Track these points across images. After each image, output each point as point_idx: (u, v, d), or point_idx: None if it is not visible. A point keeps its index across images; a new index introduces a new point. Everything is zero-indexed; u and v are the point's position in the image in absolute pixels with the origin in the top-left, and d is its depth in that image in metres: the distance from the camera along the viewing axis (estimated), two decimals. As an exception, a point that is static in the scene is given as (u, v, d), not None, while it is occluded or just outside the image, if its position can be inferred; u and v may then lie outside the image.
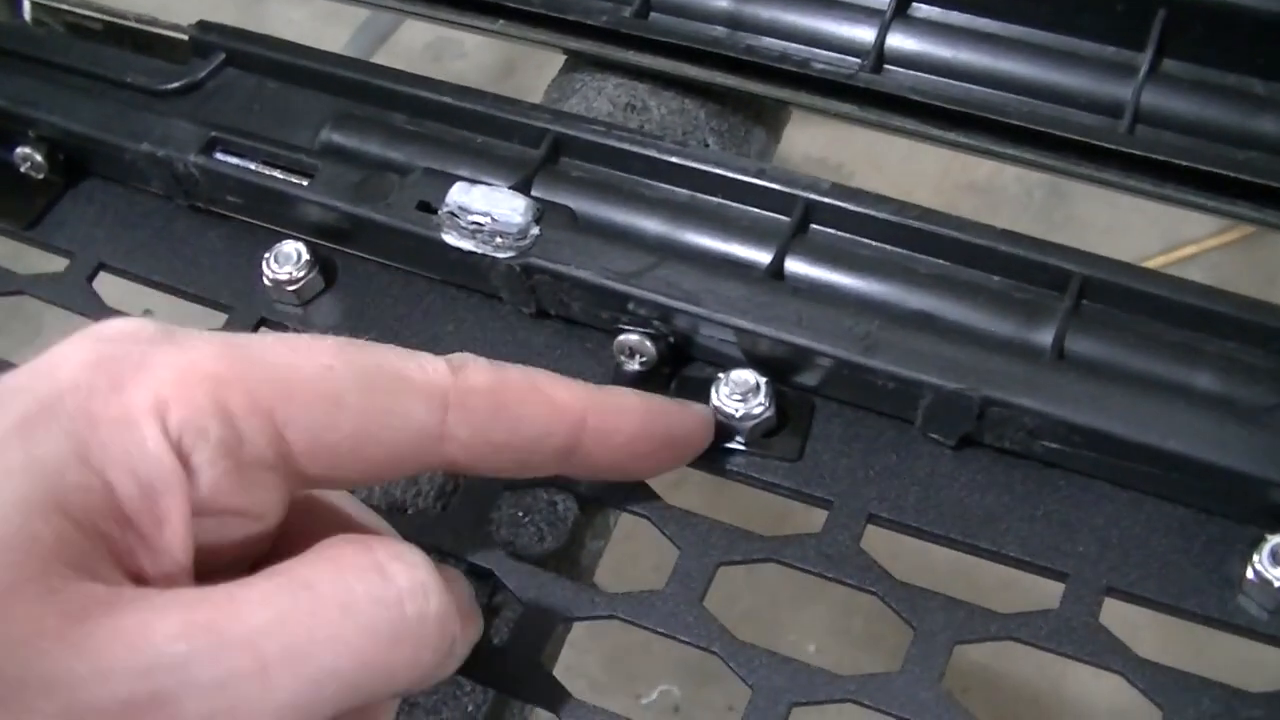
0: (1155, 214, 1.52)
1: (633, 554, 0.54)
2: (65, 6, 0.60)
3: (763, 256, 0.45)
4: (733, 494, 0.46)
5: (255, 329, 0.49)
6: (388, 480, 0.36)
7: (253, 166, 0.49)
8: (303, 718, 0.29)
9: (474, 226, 0.45)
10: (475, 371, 0.36)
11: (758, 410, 0.43)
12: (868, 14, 0.51)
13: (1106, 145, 0.48)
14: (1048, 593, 0.42)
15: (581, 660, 1.31)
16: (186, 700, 0.27)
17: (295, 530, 0.34)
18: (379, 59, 1.49)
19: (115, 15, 0.58)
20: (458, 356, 0.36)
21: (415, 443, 0.35)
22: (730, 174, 0.47)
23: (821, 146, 1.67)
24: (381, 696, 0.32)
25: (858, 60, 0.51)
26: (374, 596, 0.31)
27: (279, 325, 0.48)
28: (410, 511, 0.45)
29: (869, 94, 0.50)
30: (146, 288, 0.51)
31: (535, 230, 0.44)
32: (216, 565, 0.32)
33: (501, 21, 0.54)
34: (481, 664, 0.41)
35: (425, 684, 0.33)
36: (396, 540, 0.33)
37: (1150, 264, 1.62)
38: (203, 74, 0.54)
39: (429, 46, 1.72)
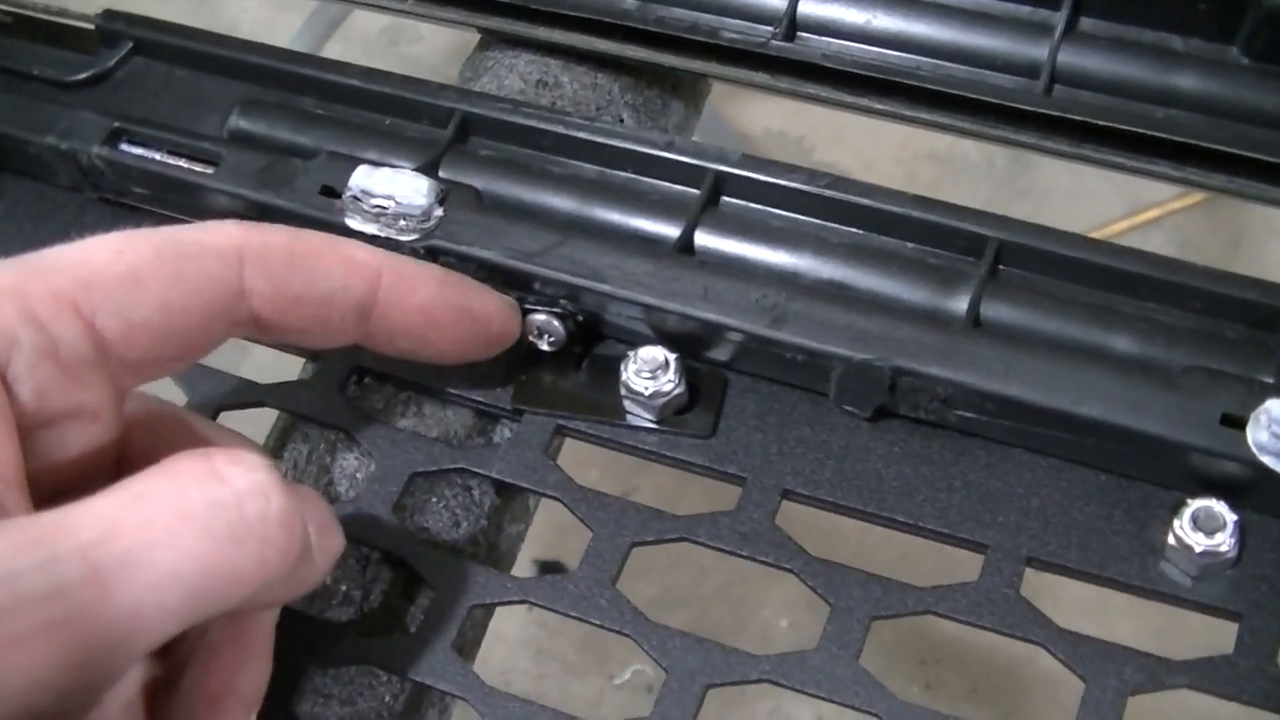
0: (1119, 179, 1.51)
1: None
2: (-25, 2, 0.59)
3: (672, 231, 0.44)
4: (660, 472, 0.45)
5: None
6: (208, 352, 0.37)
7: (157, 156, 0.48)
8: (153, 624, 0.29)
9: (377, 210, 0.43)
10: (270, 229, 0.37)
11: (667, 387, 0.42)
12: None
13: (1023, 107, 0.47)
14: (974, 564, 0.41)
15: (554, 642, 1.30)
16: (19, 613, 0.27)
17: (148, 455, 0.33)
18: (333, 45, 1.47)
19: (22, 7, 0.57)
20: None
21: (220, 301, 0.36)
22: (638, 148, 0.46)
23: (781, 120, 1.66)
24: (237, 601, 0.31)
25: (770, 28, 0.49)
26: (210, 500, 0.30)
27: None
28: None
29: (781, 62, 0.48)
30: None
31: (439, 212, 0.43)
32: (64, 485, 0.33)
33: (411, 1, 0.53)
34: (397, 652, 0.40)
35: (288, 591, 0.33)
36: (240, 447, 0.33)
37: (1114, 228, 1.62)
38: (110, 64, 0.53)
39: (384, 31, 1.70)
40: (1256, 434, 0.38)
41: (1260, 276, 0.42)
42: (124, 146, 0.48)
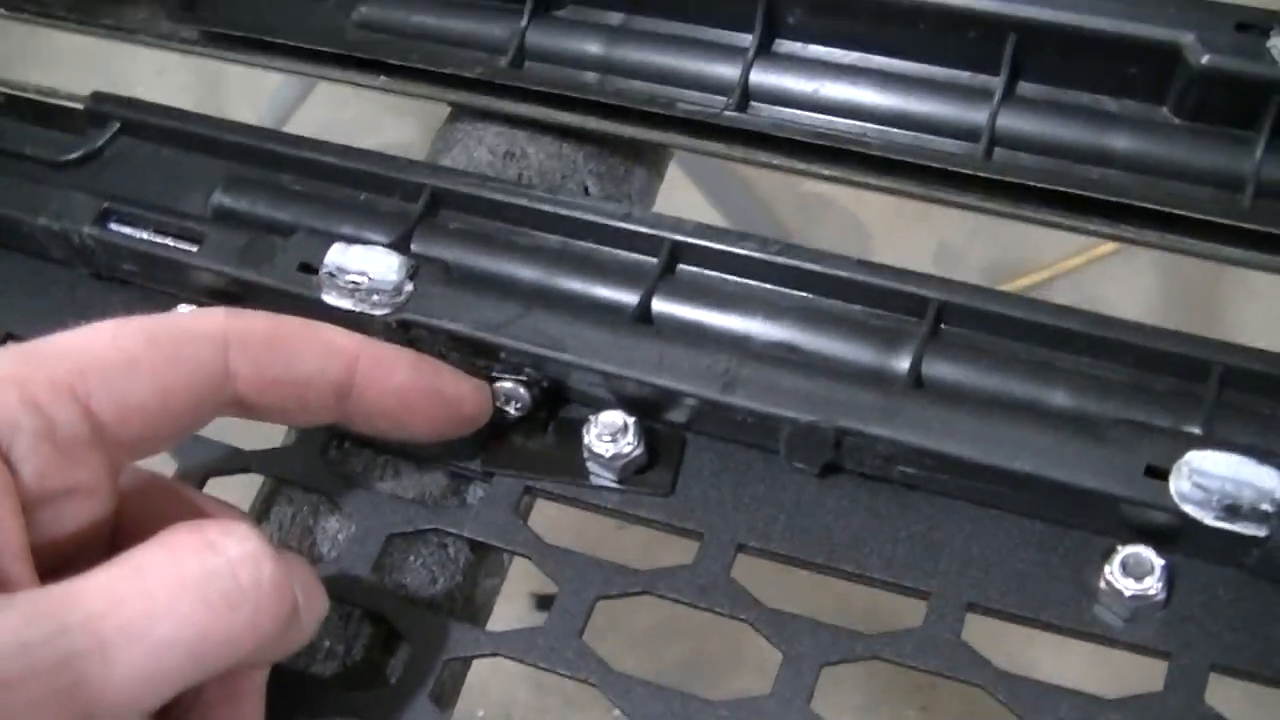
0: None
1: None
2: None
3: (631, 298, 0.47)
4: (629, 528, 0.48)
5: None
6: (196, 430, 0.40)
7: (144, 235, 0.50)
8: (154, 689, 0.32)
9: (351, 285, 0.46)
10: (253, 315, 0.40)
11: (626, 449, 0.44)
12: (731, 53, 0.53)
13: (965, 171, 0.49)
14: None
15: (554, 678, 1.32)
16: (32, 681, 0.30)
17: (142, 525, 0.36)
18: (318, 93, 1.50)
19: (13, 87, 0.60)
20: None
21: (207, 385, 0.38)
22: (598, 219, 0.48)
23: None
24: (231, 662, 0.34)
25: (724, 98, 0.52)
26: (206, 570, 0.33)
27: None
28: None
29: (735, 132, 0.51)
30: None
31: (410, 286, 0.46)
32: (64, 557, 0.35)
33: (383, 78, 0.56)
34: (378, 704, 0.43)
35: (278, 650, 0.36)
36: (231, 519, 0.37)
37: (1101, 250, 1.64)
38: (99, 144, 0.55)
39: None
40: (1179, 484, 0.40)
41: (1211, 304, 0.45)
42: (113, 226, 0.51)
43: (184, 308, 0.50)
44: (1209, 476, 0.40)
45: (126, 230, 0.51)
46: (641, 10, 0.54)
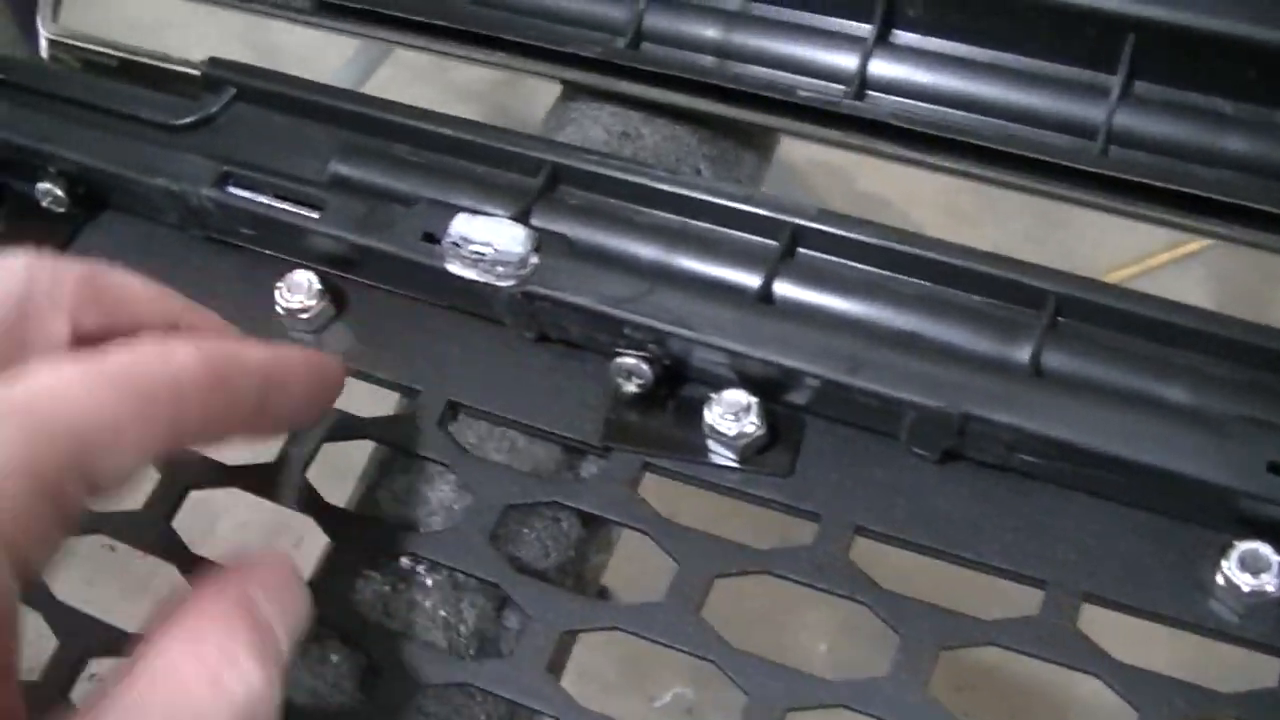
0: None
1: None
2: (81, 44, 0.62)
3: (752, 280, 0.48)
4: (732, 506, 0.48)
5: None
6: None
7: (264, 200, 0.51)
8: None
9: (476, 256, 0.47)
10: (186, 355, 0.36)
11: (749, 429, 0.45)
12: (851, 42, 0.53)
13: (1080, 167, 0.50)
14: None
15: (595, 663, 1.33)
16: None
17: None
18: (384, 70, 1.51)
19: (129, 52, 0.61)
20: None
21: (181, 438, 0.35)
22: (720, 200, 0.49)
23: (822, 149, 1.68)
24: None
25: (842, 87, 0.53)
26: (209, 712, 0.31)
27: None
28: (422, 530, 0.47)
29: (853, 120, 0.52)
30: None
31: (535, 259, 0.47)
32: None
33: (499, 54, 0.56)
34: (491, 676, 0.43)
35: None
36: (231, 621, 0.33)
37: (1153, 261, 1.64)
38: (214, 109, 0.56)
39: (434, 59, 1.73)
40: (1301, 482, 0.41)
41: (1262, 311, 0.45)
42: (231, 189, 0.52)
43: (300, 273, 0.51)
44: (1333, 476, 0.40)
45: (245, 194, 0.52)
46: (758, -4, 0.55)
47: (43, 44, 0.63)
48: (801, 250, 0.49)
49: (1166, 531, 0.44)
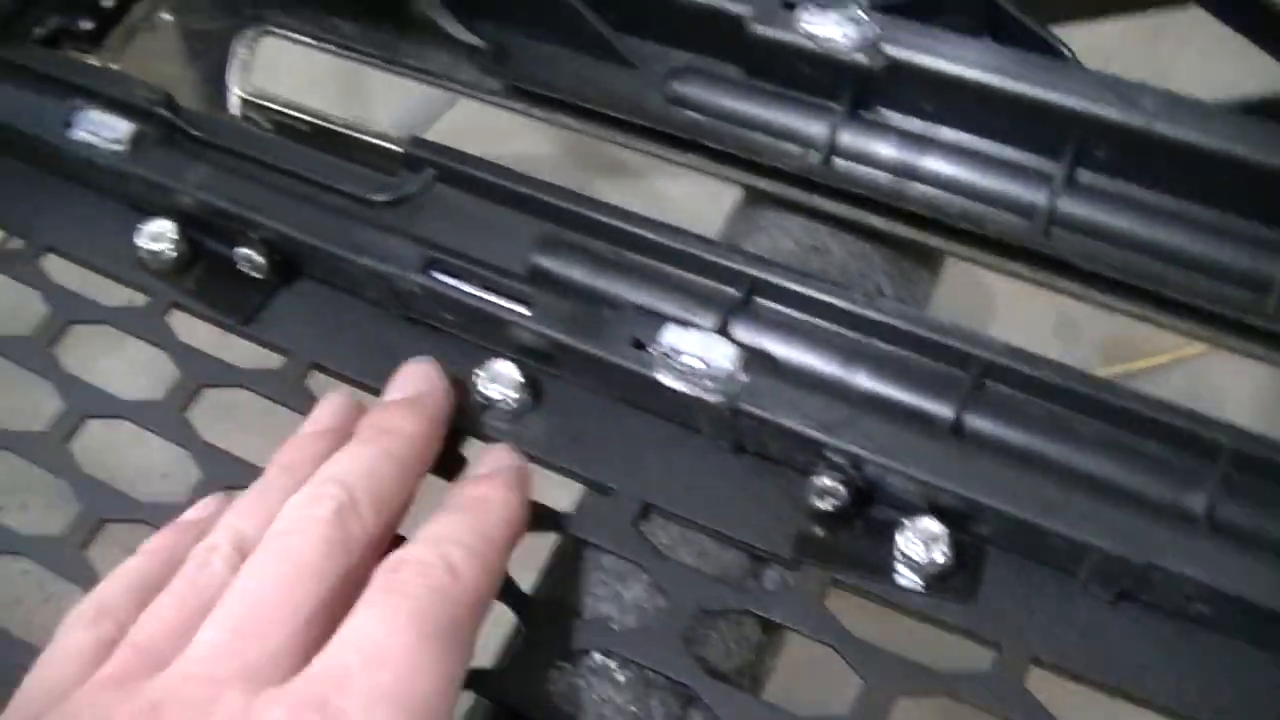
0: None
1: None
2: (273, 105, 0.69)
3: (946, 411, 0.54)
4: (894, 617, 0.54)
5: (460, 444, 0.57)
6: None
7: (471, 289, 0.58)
8: None
9: (686, 369, 0.53)
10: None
11: (939, 558, 0.51)
12: (1038, 178, 0.60)
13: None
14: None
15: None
16: None
17: None
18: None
19: (323, 119, 0.67)
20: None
21: None
22: (916, 329, 0.55)
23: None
24: None
25: (1026, 221, 0.59)
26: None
27: (488, 439, 0.57)
28: (615, 626, 0.53)
29: (1040, 256, 0.58)
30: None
31: (743, 377, 0.53)
32: None
33: (692, 156, 0.63)
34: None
35: None
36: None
37: (1196, 348, 1.70)
38: (415, 189, 0.62)
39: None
40: None
41: None
42: (437, 275, 0.58)
43: (502, 364, 0.57)
44: None
45: (452, 282, 0.58)
46: (945, 121, 0.61)
47: (234, 102, 0.70)
48: (989, 383, 0.55)
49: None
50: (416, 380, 0.56)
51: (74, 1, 0.74)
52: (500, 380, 0.57)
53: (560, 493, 0.56)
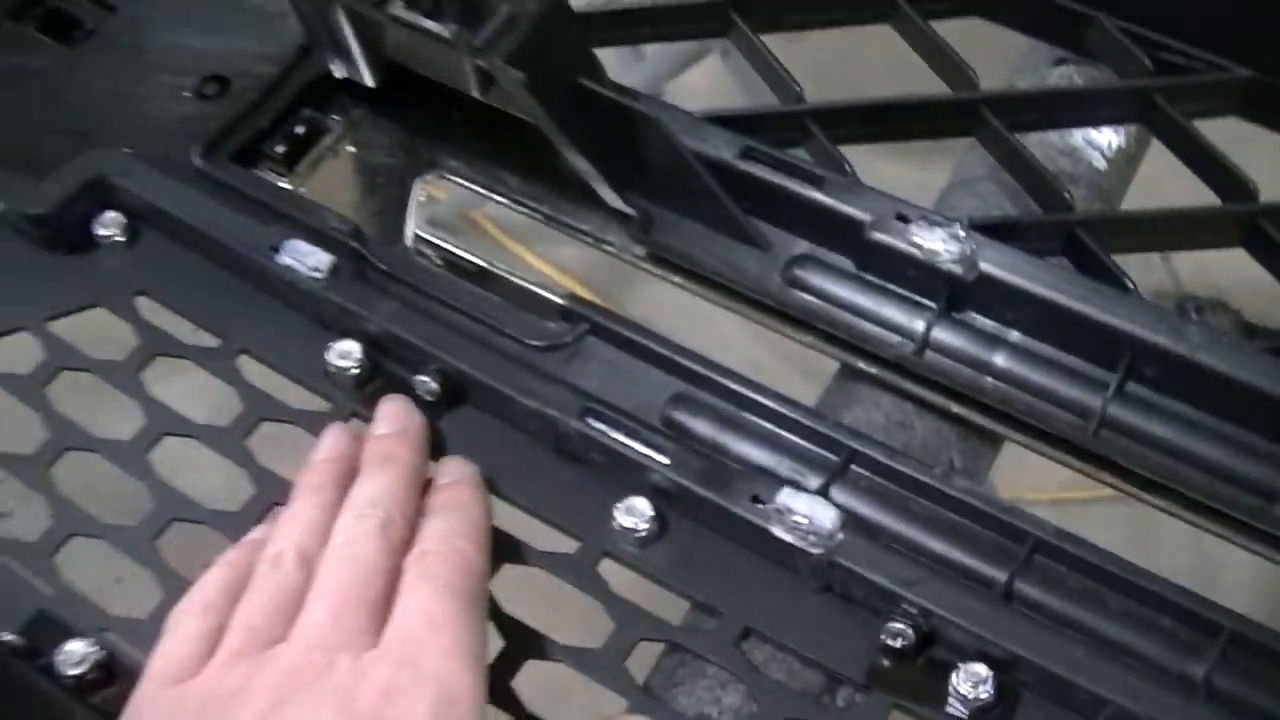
0: None
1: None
2: (445, 245, 0.87)
3: (1000, 576, 0.71)
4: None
5: (599, 560, 0.75)
6: None
7: (618, 436, 0.75)
8: None
9: (795, 525, 0.71)
10: None
11: (984, 696, 0.68)
12: (1093, 384, 0.77)
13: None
14: None
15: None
16: None
17: None
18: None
19: (489, 264, 0.85)
20: None
21: None
22: (982, 505, 0.73)
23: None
24: None
25: (1081, 420, 0.77)
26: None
27: (621, 561, 0.74)
28: (717, 726, 0.71)
29: (1090, 454, 0.76)
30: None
31: (841, 535, 0.71)
32: None
33: (805, 334, 0.81)
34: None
35: None
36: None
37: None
38: (569, 339, 0.80)
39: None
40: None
41: None
42: (591, 421, 0.76)
43: (639, 501, 0.75)
44: None
45: (602, 427, 0.76)
46: (1022, 329, 0.79)
47: (409, 236, 0.88)
48: (1038, 557, 0.72)
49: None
50: (400, 416, 0.77)
51: (273, 129, 0.92)
52: (636, 514, 0.74)
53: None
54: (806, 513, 0.71)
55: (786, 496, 0.71)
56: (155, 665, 0.65)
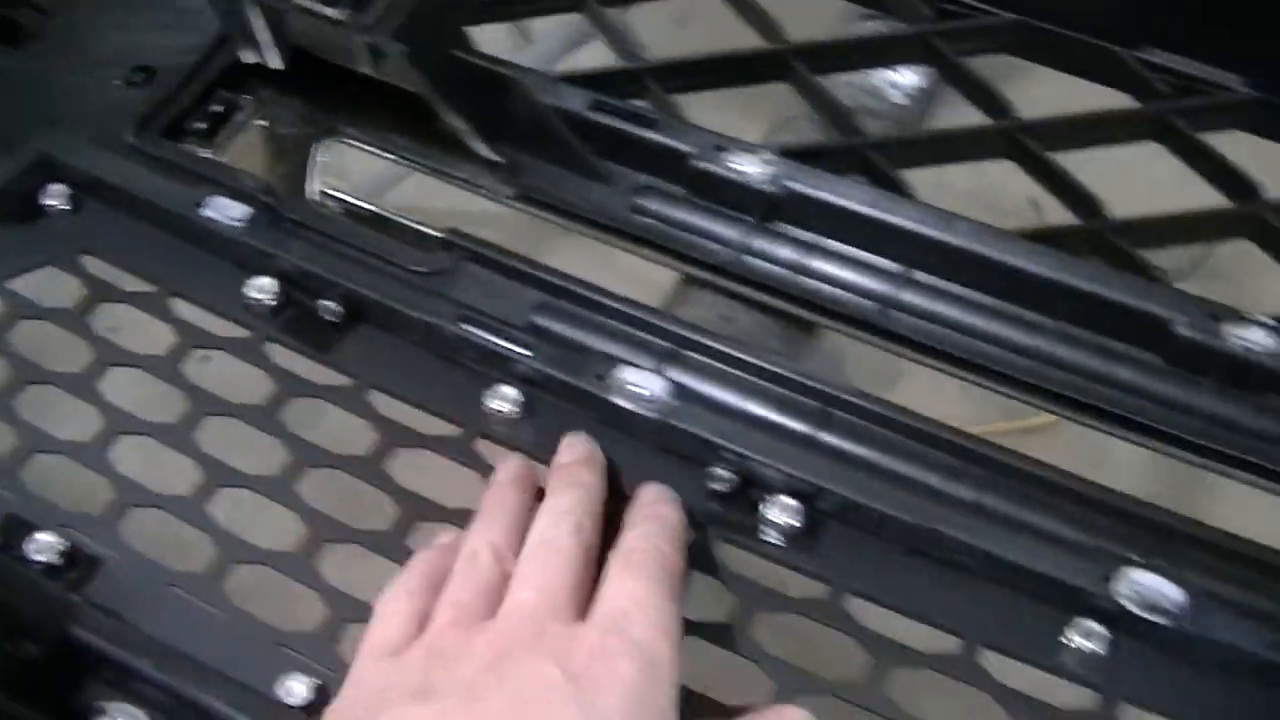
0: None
1: None
2: (344, 197, 1.03)
3: (805, 428, 0.87)
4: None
5: (475, 439, 0.90)
6: None
7: (490, 337, 0.91)
8: None
9: (633, 394, 0.86)
10: None
11: (795, 523, 0.83)
12: (889, 276, 0.93)
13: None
14: None
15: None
16: None
17: None
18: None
19: (381, 209, 1.01)
20: None
21: None
22: (788, 373, 0.87)
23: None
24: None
25: (878, 306, 0.93)
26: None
27: (493, 440, 0.89)
28: None
29: (887, 332, 0.92)
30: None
31: (672, 402, 0.86)
32: None
33: (648, 251, 0.96)
34: None
35: None
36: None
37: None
38: (449, 265, 0.96)
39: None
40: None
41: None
42: (465, 326, 0.91)
43: (507, 388, 0.90)
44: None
45: (475, 330, 0.91)
46: (827, 234, 0.95)
47: (314, 191, 1.04)
48: (836, 411, 0.88)
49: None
50: (583, 447, 0.84)
51: (194, 109, 1.08)
52: (504, 399, 0.89)
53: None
54: (643, 384, 0.86)
55: (626, 373, 0.87)
56: (369, 643, 0.72)
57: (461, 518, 0.84)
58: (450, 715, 0.63)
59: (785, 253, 0.95)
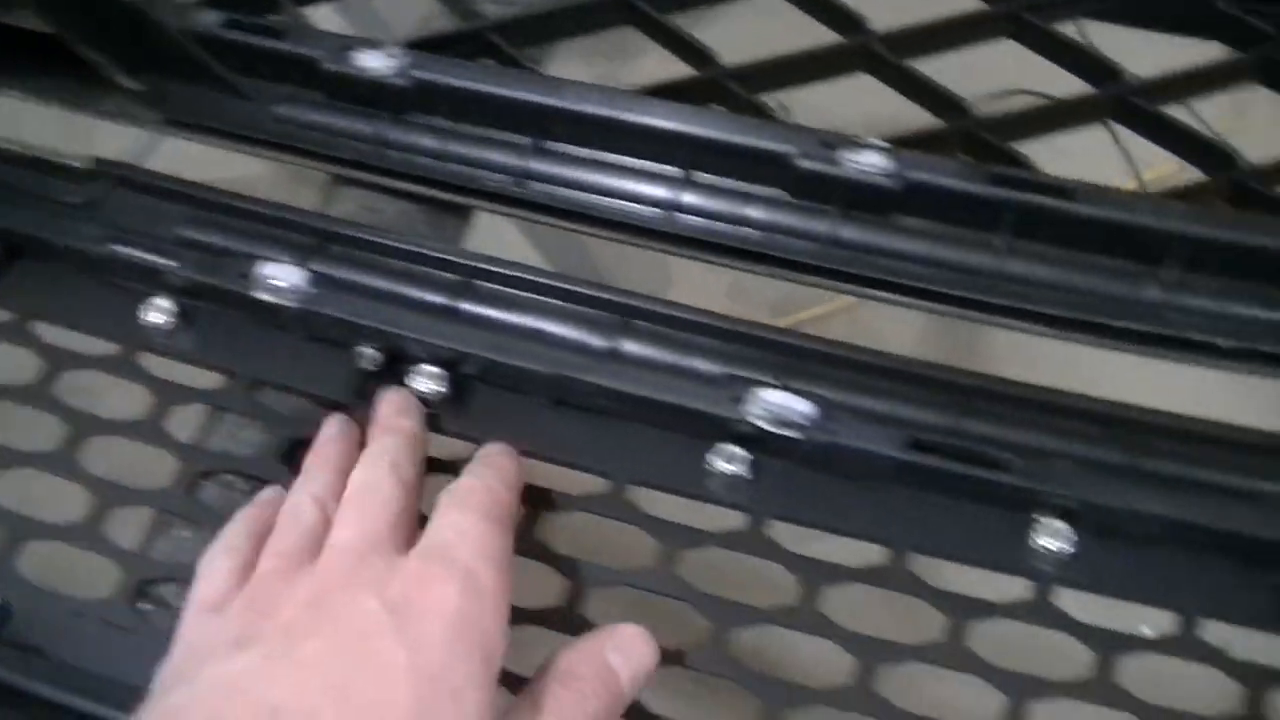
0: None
1: None
2: (-1, 144, 1.05)
3: (440, 299, 0.90)
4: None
5: (136, 353, 0.93)
6: None
7: (139, 253, 0.93)
8: None
9: (273, 288, 0.89)
10: None
11: (440, 388, 0.86)
12: (517, 149, 0.98)
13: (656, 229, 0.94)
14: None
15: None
16: None
17: None
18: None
19: (28, 148, 1.03)
20: None
21: None
22: (422, 250, 0.91)
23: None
24: None
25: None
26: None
27: (152, 350, 0.92)
28: None
29: (528, 203, 0.96)
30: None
31: (313, 290, 0.89)
32: None
33: (291, 156, 1.00)
34: None
35: None
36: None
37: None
38: (100, 194, 0.98)
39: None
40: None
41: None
42: (114, 245, 0.93)
43: (160, 299, 0.93)
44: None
45: (124, 248, 0.94)
46: (469, 121, 0.99)
47: (-32, 140, 1.06)
48: (477, 281, 0.92)
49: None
50: (397, 396, 0.85)
51: None
52: (158, 310, 0.92)
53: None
54: (282, 277, 0.90)
55: (266, 268, 0.90)
56: (194, 599, 0.72)
57: (132, 430, 0.90)
58: (271, 659, 0.64)
59: (424, 141, 0.99)
